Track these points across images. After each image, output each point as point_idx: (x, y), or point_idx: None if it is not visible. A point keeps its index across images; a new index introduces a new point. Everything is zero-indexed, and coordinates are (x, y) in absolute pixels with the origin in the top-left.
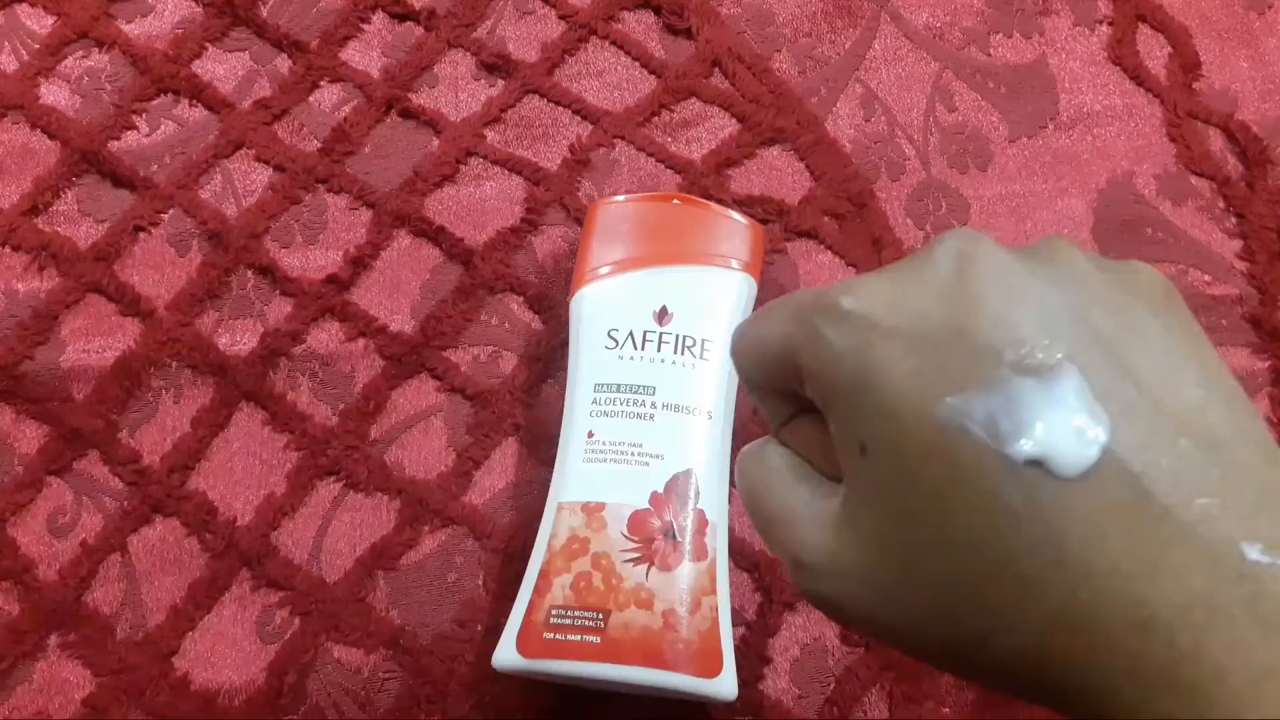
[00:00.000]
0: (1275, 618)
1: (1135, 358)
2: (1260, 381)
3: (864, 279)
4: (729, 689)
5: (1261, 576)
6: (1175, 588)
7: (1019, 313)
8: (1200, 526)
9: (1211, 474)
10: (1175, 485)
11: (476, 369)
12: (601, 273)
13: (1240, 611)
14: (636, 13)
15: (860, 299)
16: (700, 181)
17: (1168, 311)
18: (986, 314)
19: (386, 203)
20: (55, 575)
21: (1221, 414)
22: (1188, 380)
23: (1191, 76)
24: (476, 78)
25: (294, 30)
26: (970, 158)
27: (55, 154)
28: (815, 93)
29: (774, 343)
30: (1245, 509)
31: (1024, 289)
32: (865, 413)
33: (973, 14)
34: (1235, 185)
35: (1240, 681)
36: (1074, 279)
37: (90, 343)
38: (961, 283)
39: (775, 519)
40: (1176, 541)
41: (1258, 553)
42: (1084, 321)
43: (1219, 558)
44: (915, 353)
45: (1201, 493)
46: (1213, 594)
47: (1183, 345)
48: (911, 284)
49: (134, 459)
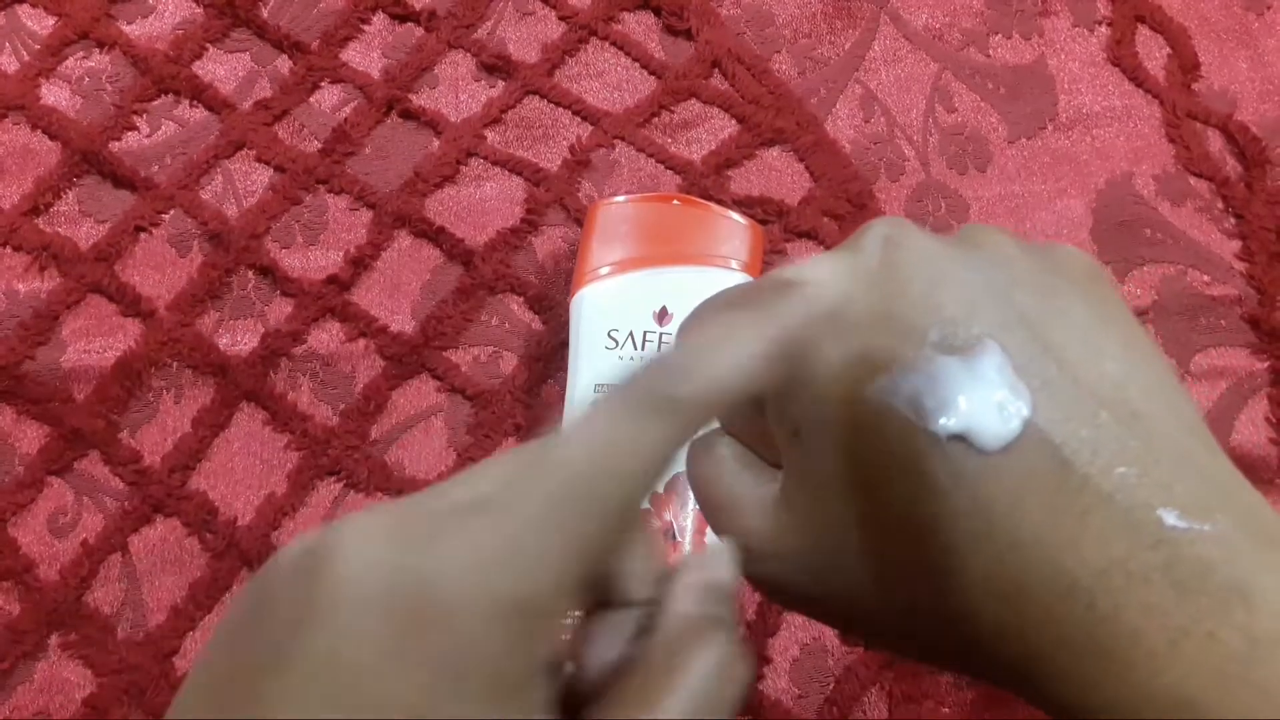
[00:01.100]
0: (1191, 581)
1: (1057, 335)
2: (1260, 382)
3: (797, 267)
4: None
5: (1179, 541)
6: (1095, 555)
7: (942, 294)
8: (1119, 494)
9: (1130, 444)
10: (1094, 455)
11: (477, 369)
12: (601, 273)
13: (1157, 576)
14: (636, 14)
15: None
16: (700, 182)
17: (1092, 291)
18: (911, 297)
19: (387, 203)
20: (56, 575)
21: (1142, 387)
22: (1109, 356)
23: (1190, 77)
24: (477, 78)
25: (294, 31)
26: (970, 158)
27: (56, 154)
28: (815, 93)
29: None
30: (1163, 477)
31: (947, 272)
32: (796, 396)
33: (972, 15)
34: (1234, 186)
35: (1157, 643)
36: (998, 262)
37: (91, 343)
38: (887, 268)
39: (721, 506)
40: (1096, 510)
41: (1175, 518)
42: (1007, 302)
43: (1137, 524)
44: (843, 337)
45: (1120, 462)
46: (1130, 559)
47: (1106, 323)
48: (840, 271)
49: (135, 459)
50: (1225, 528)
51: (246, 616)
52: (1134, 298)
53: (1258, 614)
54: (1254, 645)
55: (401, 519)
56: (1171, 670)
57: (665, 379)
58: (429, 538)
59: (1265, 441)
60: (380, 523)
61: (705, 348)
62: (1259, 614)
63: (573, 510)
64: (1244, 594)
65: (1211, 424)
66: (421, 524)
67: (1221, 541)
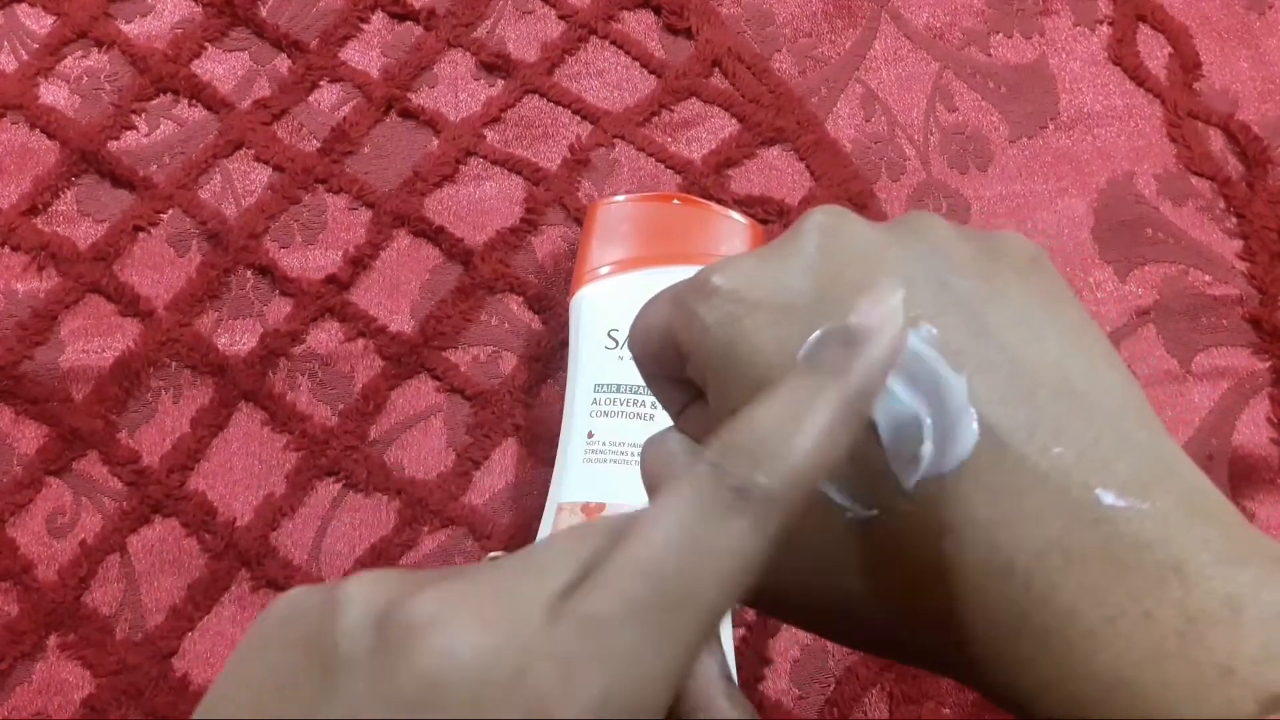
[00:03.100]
0: (1129, 559)
1: (995, 317)
2: (1260, 382)
3: (734, 258)
4: None
5: (1117, 519)
6: (1032, 534)
7: (878, 279)
8: (1055, 474)
9: (1069, 423)
10: (1031, 435)
11: (476, 369)
12: (601, 273)
13: (1095, 555)
14: (636, 13)
15: (728, 276)
16: (700, 181)
17: (1032, 275)
18: (847, 282)
19: (386, 203)
20: (55, 575)
21: (1082, 367)
22: (1049, 337)
23: (1192, 77)
24: (476, 78)
25: (293, 30)
26: (970, 158)
27: (55, 154)
28: (815, 93)
29: (658, 328)
30: (1102, 455)
31: (884, 257)
32: (735, 382)
33: (973, 14)
34: (1235, 185)
35: (1093, 622)
36: (935, 247)
37: (90, 343)
38: (823, 254)
39: None
40: (1032, 489)
41: (1113, 497)
42: (944, 287)
43: (1074, 503)
44: (780, 322)
45: (1057, 442)
46: (1068, 538)
47: (1046, 305)
48: (778, 259)
49: (133, 459)
50: (1164, 505)
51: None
52: (1135, 297)
53: (1194, 591)
54: (1190, 623)
55: (497, 607)
56: (1108, 649)
57: (745, 467)
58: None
59: (1266, 441)
60: (473, 609)
61: (780, 429)
62: (1195, 591)
63: (666, 619)
64: (1181, 572)
65: (1213, 424)
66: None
67: (1160, 519)
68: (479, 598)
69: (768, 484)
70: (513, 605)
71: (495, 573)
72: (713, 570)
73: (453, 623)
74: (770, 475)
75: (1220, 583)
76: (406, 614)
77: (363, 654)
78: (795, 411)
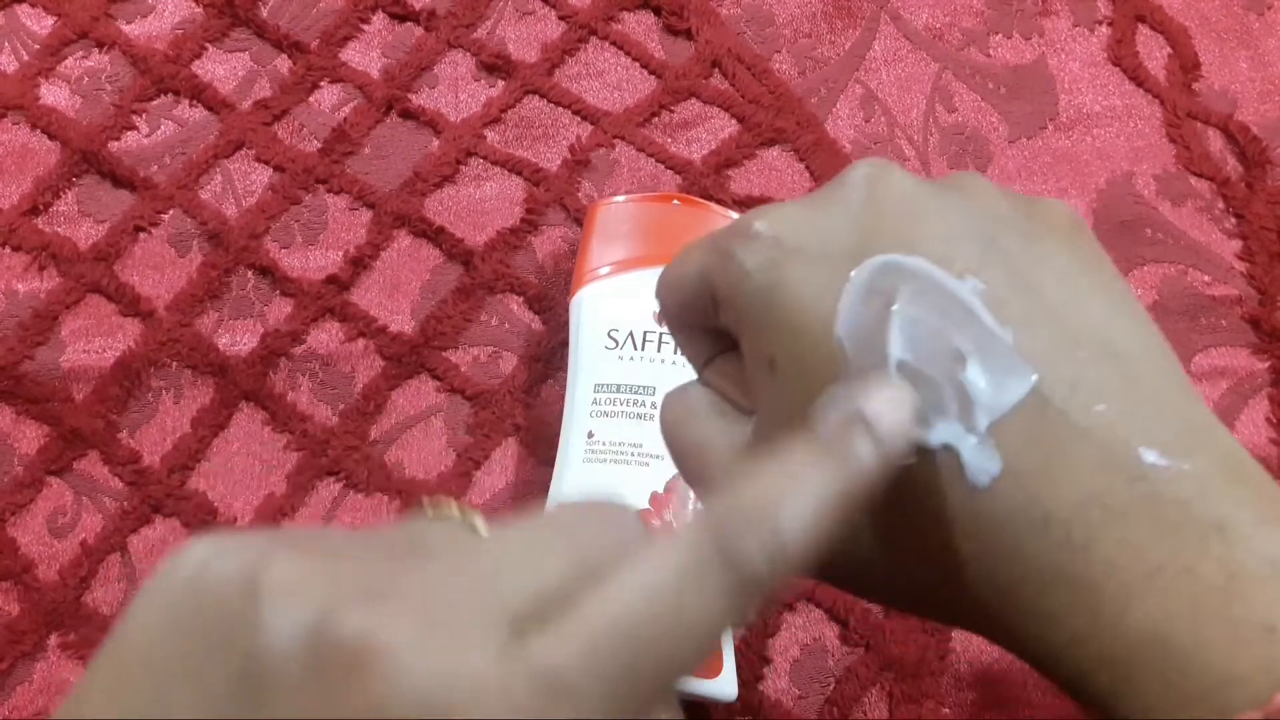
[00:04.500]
0: (1169, 515)
1: (1038, 275)
2: (1260, 382)
3: (777, 205)
4: (729, 689)
5: (1158, 479)
6: (1072, 487)
7: (922, 231)
8: (1097, 431)
9: (1110, 383)
10: (1073, 391)
11: (476, 369)
12: (601, 273)
13: (1136, 510)
14: (636, 13)
15: (771, 221)
16: (700, 182)
17: (1075, 239)
18: (891, 233)
19: (386, 203)
20: (55, 575)
21: (1124, 330)
22: (1090, 298)
23: (1191, 77)
24: (476, 78)
25: (294, 31)
26: (970, 158)
27: (55, 154)
28: (815, 93)
29: (692, 273)
30: (1144, 416)
31: (929, 210)
32: (773, 328)
33: (972, 14)
34: (1235, 186)
35: (1131, 576)
36: (981, 205)
37: (90, 343)
38: (869, 204)
39: (689, 450)
40: (1073, 444)
41: (1155, 456)
42: (988, 241)
43: (1116, 460)
44: (821, 269)
45: (1099, 399)
46: (1109, 493)
47: (1088, 269)
48: (822, 207)
49: (134, 459)
50: (1204, 466)
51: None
52: None
53: (1235, 549)
54: (1231, 580)
55: (447, 634)
56: (1145, 603)
57: (738, 536)
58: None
59: (1266, 441)
60: (419, 633)
61: (771, 502)
62: (1236, 549)
63: (628, 682)
64: (1222, 530)
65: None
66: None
67: (1200, 479)
68: (426, 619)
69: (759, 565)
70: (464, 633)
71: (442, 583)
72: (690, 640)
73: (398, 650)
74: (764, 554)
75: (1261, 542)
76: (347, 635)
77: (295, 676)
78: (796, 486)
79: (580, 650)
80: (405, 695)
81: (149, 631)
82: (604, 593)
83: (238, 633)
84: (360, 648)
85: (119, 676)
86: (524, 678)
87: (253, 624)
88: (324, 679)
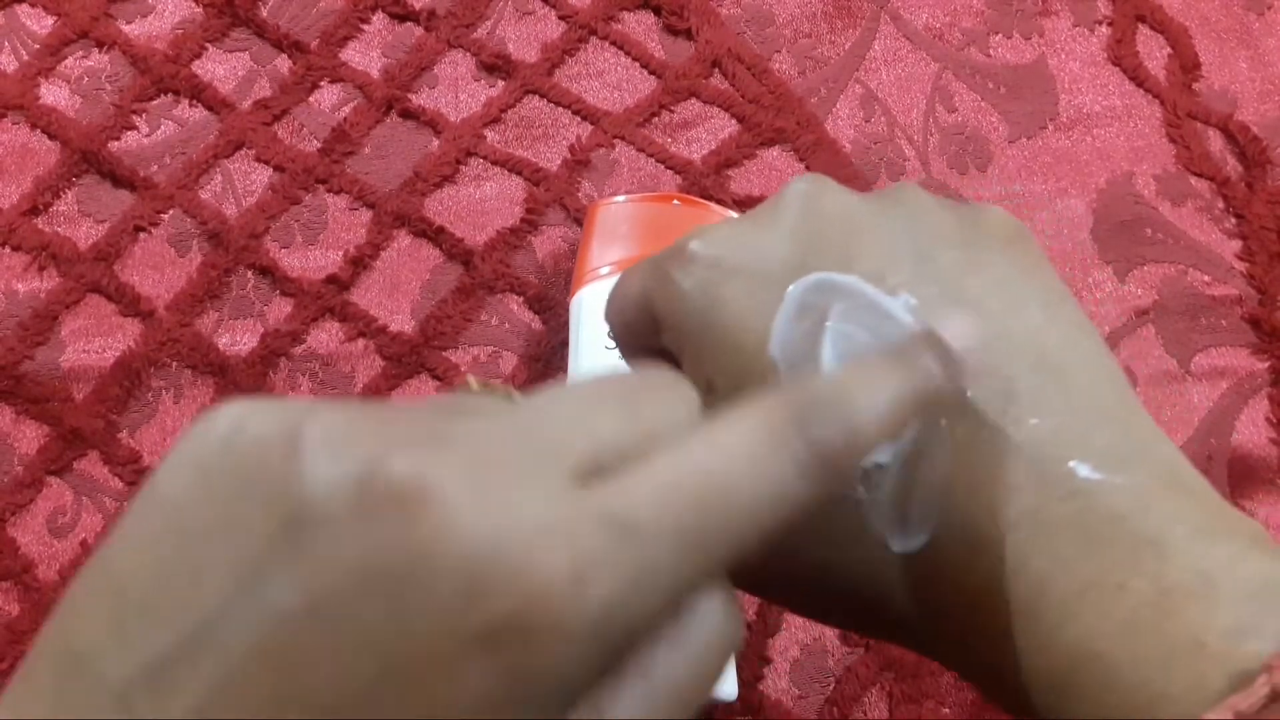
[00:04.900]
0: (1103, 532)
1: (975, 288)
2: (1260, 382)
3: (715, 225)
4: (729, 689)
5: (1092, 493)
6: (1005, 505)
7: (858, 247)
8: (1030, 446)
9: (1046, 396)
10: (1007, 405)
11: (476, 369)
12: (601, 273)
13: (1068, 527)
14: (636, 13)
15: (706, 242)
16: (700, 182)
17: (1013, 247)
18: (828, 250)
19: (386, 203)
20: (55, 575)
21: (1061, 340)
22: (1029, 308)
23: (1191, 77)
24: (476, 78)
25: (294, 30)
26: (970, 158)
27: (55, 154)
28: (815, 93)
29: (634, 296)
30: (1079, 428)
31: (865, 226)
32: (711, 348)
33: (973, 14)
34: (1235, 186)
35: (1065, 594)
36: (917, 217)
37: (90, 343)
38: (805, 222)
39: None
40: (1007, 460)
41: (1088, 470)
42: (924, 256)
43: (1048, 476)
44: (758, 289)
45: (1034, 413)
46: (1041, 510)
47: (1026, 277)
48: (758, 227)
49: (134, 459)
50: (1141, 480)
51: None
52: (1134, 297)
53: (1170, 565)
54: (1164, 595)
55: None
56: (1079, 621)
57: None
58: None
59: (1266, 442)
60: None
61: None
62: (1171, 565)
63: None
64: (1157, 545)
65: (1211, 424)
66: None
67: (1136, 493)
68: (481, 464)
69: (835, 441)
70: (523, 478)
71: (496, 435)
72: (761, 508)
73: (452, 493)
74: (840, 432)
75: (1195, 557)
76: (396, 477)
77: (340, 516)
78: (872, 381)
79: (652, 498)
80: (462, 537)
81: (180, 490)
82: (675, 449)
83: (277, 487)
84: (412, 490)
85: (147, 536)
86: (591, 520)
87: (295, 475)
88: (373, 523)
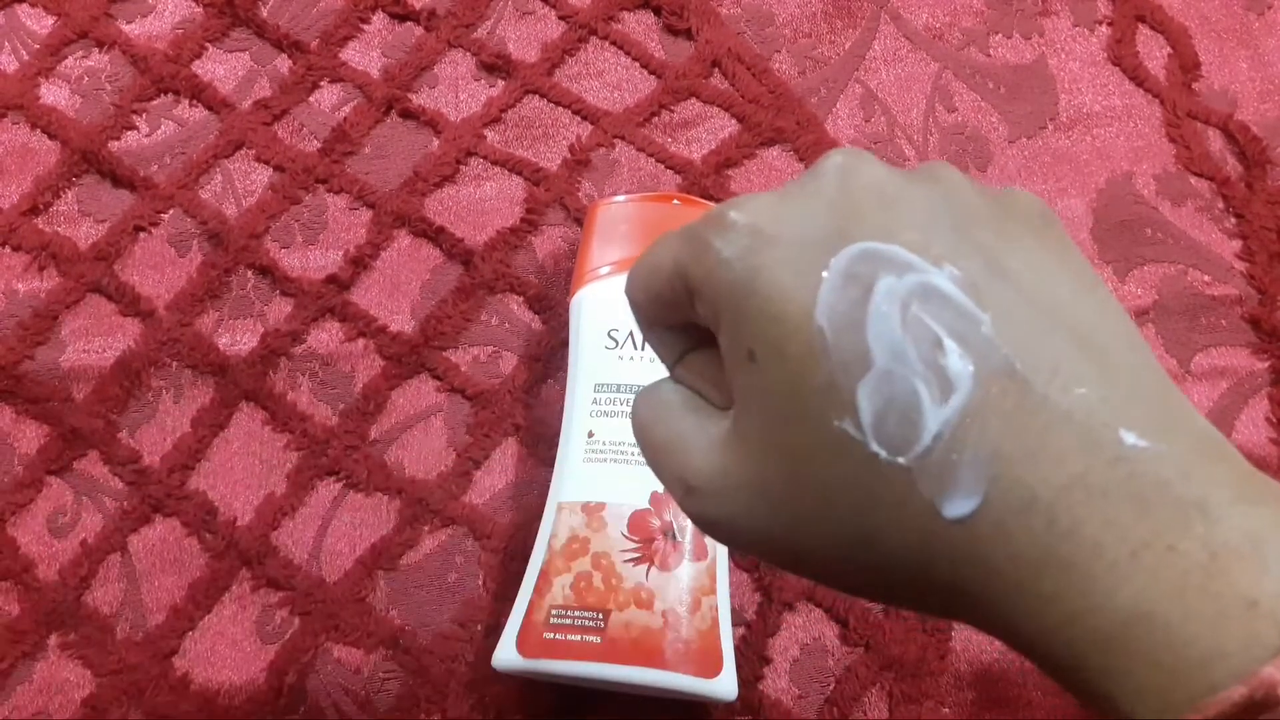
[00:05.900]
0: (1150, 495)
1: (1012, 263)
2: (1260, 382)
3: (752, 195)
4: (729, 689)
5: (1137, 459)
6: (1054, 470)
7: (898, 219)
8: (1078, 414)
9: (1087, 367)
10: (1053, 375)
11: (476, 369)
12: (601, 273)
13: (1118, 491)
14: (636, 13)
15: (747, 211)
16: (700, 181)
17: (1044, 229)
18: (867, 220)
19: (386, 203)
20: (55, 575)
21: (1096, 314)
22: (1063, 287)
23: (1191, 77)
24: (476, 78)
25: (294, 30)
26: (970, 158)
27: (55, 154)
28: (815, 93)
29: (666, 266)
30: (1120, 399)
31: (903, 198)
32: (752, 318)
33: (972, 14)
34: (1235, 186)
35: (1117, 556)
36: (953, 194)
37: (90, 343)
38: (844, 192)
39: (664, 447)
40: (1055, 427)
41: (1134, 438)
42: (963, 230)
43: (1097, 442)
44: (800, 257)
45: (1079, 383)
46: (1090, 475)
47: (1057, 256)
48: (797, 197)
49: (134, 459)
50: (1182, 448)
51: None
52: (1134, 297)
53: (1216, 527)
54: (1213, 557)
55: None
56: (1132, 582)
57: None
58: None
59: (1265, 441)
60: None
61: None
62: (1218, 527)
63: None
64: (1203, 509)
65: (1212, 424)
66: None
67: (1178, 460)
68: None
69: None
70: None
71: None
72: None
73: None
74: None
75: (1240, 519)
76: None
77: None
78: None
79: None
80: None
81: None
82: None
83: None
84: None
85: None
86: None
87: None
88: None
